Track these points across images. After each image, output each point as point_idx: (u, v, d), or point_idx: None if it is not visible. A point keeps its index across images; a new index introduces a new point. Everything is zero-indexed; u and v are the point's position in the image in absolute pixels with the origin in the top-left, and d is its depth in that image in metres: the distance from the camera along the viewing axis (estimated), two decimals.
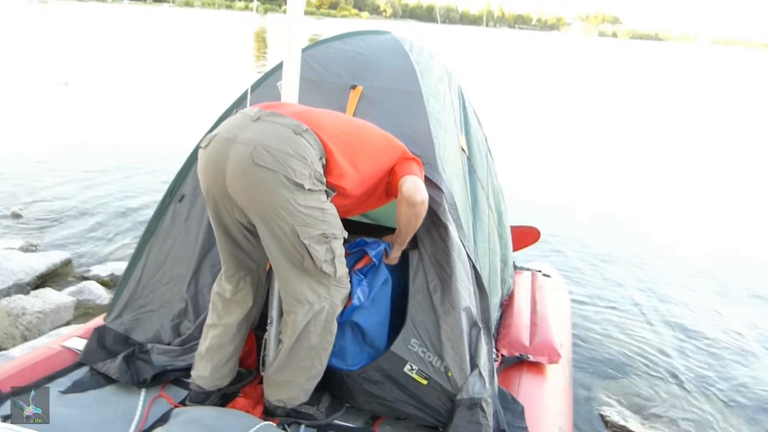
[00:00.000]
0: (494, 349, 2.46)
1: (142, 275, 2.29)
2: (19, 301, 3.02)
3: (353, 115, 2.21)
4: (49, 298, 3.15)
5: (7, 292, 3.53)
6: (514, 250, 3.30)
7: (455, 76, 2.83)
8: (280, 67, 2.23)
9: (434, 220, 1.99)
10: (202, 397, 1.96)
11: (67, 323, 3.21)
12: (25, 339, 2.94)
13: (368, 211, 2.02)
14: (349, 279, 1.87)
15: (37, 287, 3.64)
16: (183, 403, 2.00)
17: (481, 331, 1.97)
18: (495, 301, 2.50)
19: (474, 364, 1.92)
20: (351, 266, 1.94)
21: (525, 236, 3.74)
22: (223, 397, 2.03)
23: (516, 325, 2.70)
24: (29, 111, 9.64)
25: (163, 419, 1.88)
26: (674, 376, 3.41)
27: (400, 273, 2.11)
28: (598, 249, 5.43)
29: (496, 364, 2.36)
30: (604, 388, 3.19)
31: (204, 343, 1.97)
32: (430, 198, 1.95)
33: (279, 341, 1.98)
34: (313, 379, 1.91)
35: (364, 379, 2.00)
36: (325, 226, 1.69)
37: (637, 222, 6.49)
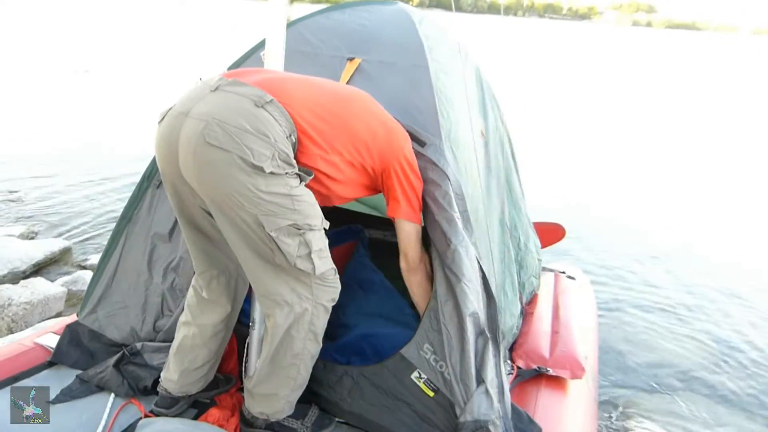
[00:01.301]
0: (509, 361, 2.21)
1: (118, 267, 2.08)
2: (6, 291, 2.86)
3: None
4: (38, 288, 2.99)
5: (1, 281, 3.39)
6: None
7: (471, 56, 2.55)
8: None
9: (439, 210, 1.73)
10: (168, 402, 1.74)
11: (58, 315, 3.05)
12: (11, 331, 2.78)
13: (353, 200, 1.77)
14: (337, 276, 1.62)
15: (33, 275, 3.50)
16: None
17: (489, 342, 1.70)
18: (509, 306, 2.23)
19: (480, 379, 1.66)
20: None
21: (548, 234, 3.44)
22: (196, 404, 1.82)
23: (534, 333, 2.42)
24: (49, 98, 9.64)
25: (129, 429, 1.67)
26: (715, 393, 3.07)
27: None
28: (628, 247, 5.08)
29: (510, 378, 2.11)
30: (634, 406, 2.87)
31: (175, 342, 1.76)
32: (433, 183, 1.70)
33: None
34: (298, 389, 1.69)
35: (365, 377, 1.78)
36: (296, 215, 1.43)
37: (671, 218, 6.08)
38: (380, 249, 2.78)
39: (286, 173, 1.41)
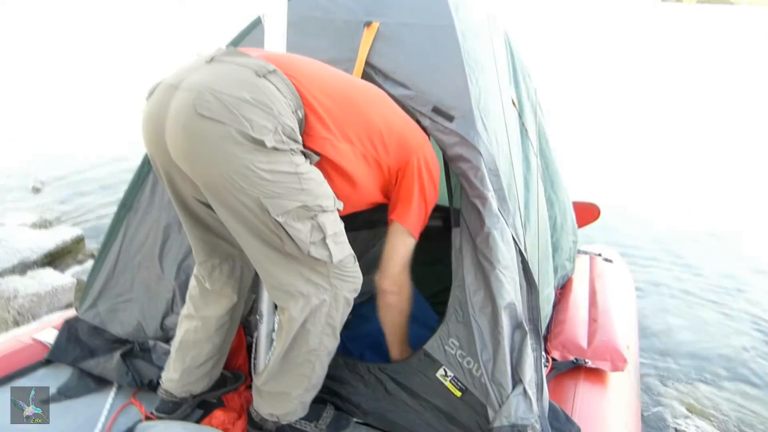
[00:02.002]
0: (544, 353, 2.02)
1: (119, 258, 1.93)
2: (12, 282, 2.75)
3: (367, 60, 1.75)
4: (46, 279, 2.87)
5: (12, 272, 3.29)
6: None
7: (499, 20, 2.33)
8: None
9: (471, 189, 1.54)
10: (170, 407, 1.59)
11: (68, 306, 2.93)
12: (17, 324, 2.67)
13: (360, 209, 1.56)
14: (357, 264, 1.44)
15: (44, 266, 3.40)
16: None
17: (528, 336, 1.51)
18: (546, 293, 2.03)
19: (517, 378, 1.47)
20: None
21: (582, 213, 3.20)
22: (202, 405, 1.67)
23: (571, 321, 2.22)
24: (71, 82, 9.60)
25: None
26: (765, 382, 2.84)
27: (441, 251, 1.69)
28: (666, 227, 4.79)
29: (545, 371, 1.91)
30: (679, 399, 2.65)
31: (176, 337, 1.60)
32: (463, 159, 1.50)
33: (271, 341, 1.59)
34: (313, 389, 1.52)
35: (386, 374, 1.62)
36: (304, 196, 1.25)
37: (713, 198, 5.75)
38: None
39: (291, 150, 1.22)
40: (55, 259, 3.54)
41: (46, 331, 1.96)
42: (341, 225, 1.37)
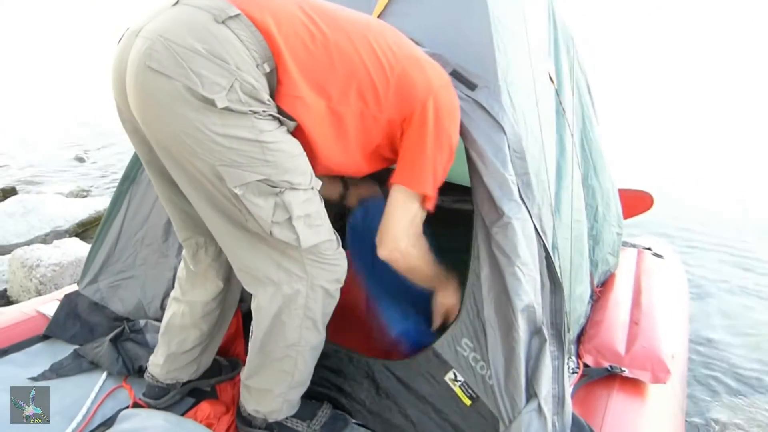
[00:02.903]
0: (574, 357, 1.82)
1: (121, 233, 1.85)
2: (37, 251, 2.74)
3: (383, 18, 1.56)
4: (71, 249, 2.85)
5: (43, 240, 3.32)
6: None
7: None
8: None
9: (489, 170, 1.34)
10: (156, 392, 1.49)
11: None
12: (38, 293, 2.66)
13: (360, 174, 1.39)
14: (340, 251, 1.28)
15: (75, 236, 3.41)
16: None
17: (547, 343, 1.32)
18: (579, 292, 1.81)
19: (531, 392, 1.29)
20: None
21: (632, 203, 2.93)
22: (194, 393, 1.57)
23: (608, 323, 2.00)
24: None
25: (107, 423, 1.44)
26: None
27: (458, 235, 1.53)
28: (731, 218, 4.42)
29: (575, 378, 1.72)
30: (731, 419, 2.38)
31: (164, 320, 1.50)
32: (484, 135, 1.32)
33: None
34: (298, 386, 1.39)
35: (390, 372, 1.48)
36: (268, 168, 1.10)
37: None
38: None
39: (253, 112, 1.06)
40: (87, 228, 3.56)
41: (51, 303, 1.91)
42: (318, 206, 1.21)
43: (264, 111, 1.08)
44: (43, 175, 4.44)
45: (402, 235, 1.29)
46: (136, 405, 1.52)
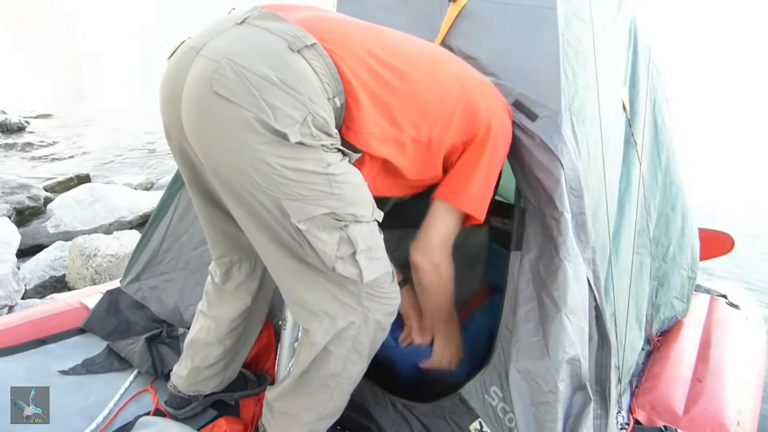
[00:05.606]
0: (625, 411, 1.66)
1: (166, 234, 1.85)
2: (96, 240, 2.83)
3: (444, 41, 1.50)
4: (129, 241, 2.92)
5: (107, 229, 3.44)
6: None
7: (628, 4, 1.93)
8: None
9: (547, 207, 1.24)
10: (178, 402, 1.46)
11: None
12: (93, 282, 2.74)
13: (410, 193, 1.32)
14: (395, 284, 1.20)
15: (138, 227, 3.52)
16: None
17: (591, 403, 1.18)
18: (630, 339, 1.65)
19: None
20: None
21: (709, 244, 2.68)
22: (217, 405, 1.53)
23: (668, 377, 1.83)
24: None
25: (126, 428, 1.42)
26: None
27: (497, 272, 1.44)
28: None
29: None
30: None
31: (189, 333, 1.47)
32: (541, 168, 1.22)
33: (294, 351, 1.41)
34: (328, 417, 1.31)
35: (413, 414, 1.39)
36: (334, 201, 1.03)
37: None
38: None
39: (322, 145, 0.99)
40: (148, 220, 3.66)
41: (96, 296, 1.94)
42: (378, 238, 1.14)
43: (332, 144, 1.01)
44: (117, 162, 4.63)
45: (438, 246, 1.25)
46: (157, 411, 1.49)
